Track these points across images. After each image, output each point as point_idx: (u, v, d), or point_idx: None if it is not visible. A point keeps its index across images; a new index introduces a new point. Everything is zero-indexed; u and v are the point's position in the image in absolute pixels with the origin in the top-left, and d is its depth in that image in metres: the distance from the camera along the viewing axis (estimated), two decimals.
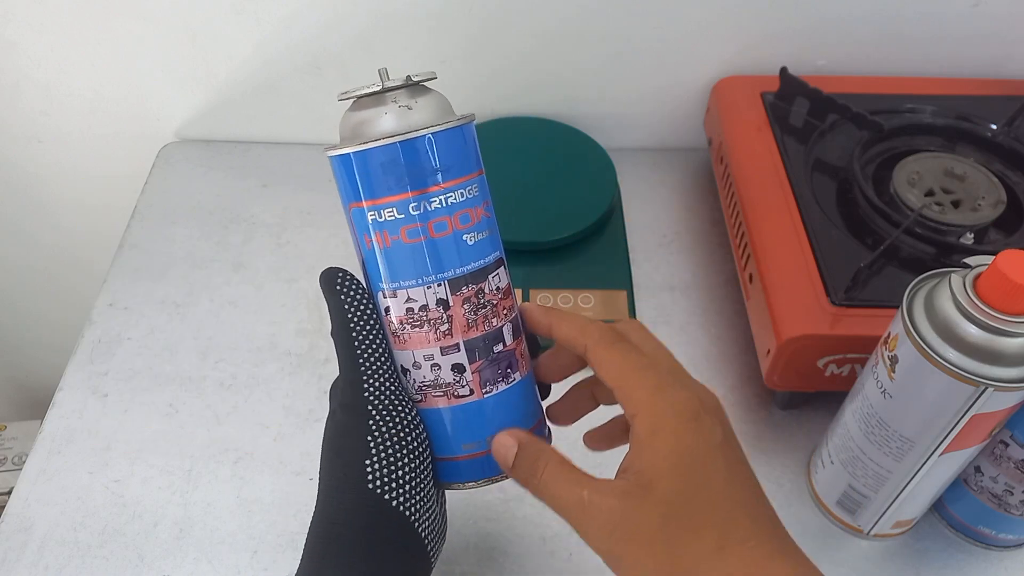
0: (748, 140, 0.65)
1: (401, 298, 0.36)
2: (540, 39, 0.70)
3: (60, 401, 0.59)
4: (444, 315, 0.36)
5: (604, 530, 0.33)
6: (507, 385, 0.38)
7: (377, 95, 0.35)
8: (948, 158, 0.61)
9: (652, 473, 0.33)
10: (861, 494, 0.50)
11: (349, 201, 0.36)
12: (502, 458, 0.36)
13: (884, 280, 0.54)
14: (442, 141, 0.35)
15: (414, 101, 0.35)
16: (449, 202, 0.35)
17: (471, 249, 0.36)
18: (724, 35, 0.70)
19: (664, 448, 0.33)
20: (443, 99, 0.37)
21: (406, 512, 0.35)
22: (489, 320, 0.37)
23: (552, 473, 0.35)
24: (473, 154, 0.36)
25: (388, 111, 0.35)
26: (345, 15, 0.68)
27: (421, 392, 0.37)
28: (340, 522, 0.35)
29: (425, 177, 0.35)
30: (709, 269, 0.69)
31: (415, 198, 0.35)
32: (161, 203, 0.73)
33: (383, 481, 0.35)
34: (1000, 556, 0.52)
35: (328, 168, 0.37)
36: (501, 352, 0.37)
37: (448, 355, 0.36)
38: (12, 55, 0.72)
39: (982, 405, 0.41)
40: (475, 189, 0.36)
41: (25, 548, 0.51)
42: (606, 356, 0.36)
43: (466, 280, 0.36)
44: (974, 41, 0.70)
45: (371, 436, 0.35)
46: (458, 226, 0.35)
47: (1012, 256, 0.38)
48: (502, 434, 0.37)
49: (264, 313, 0.65)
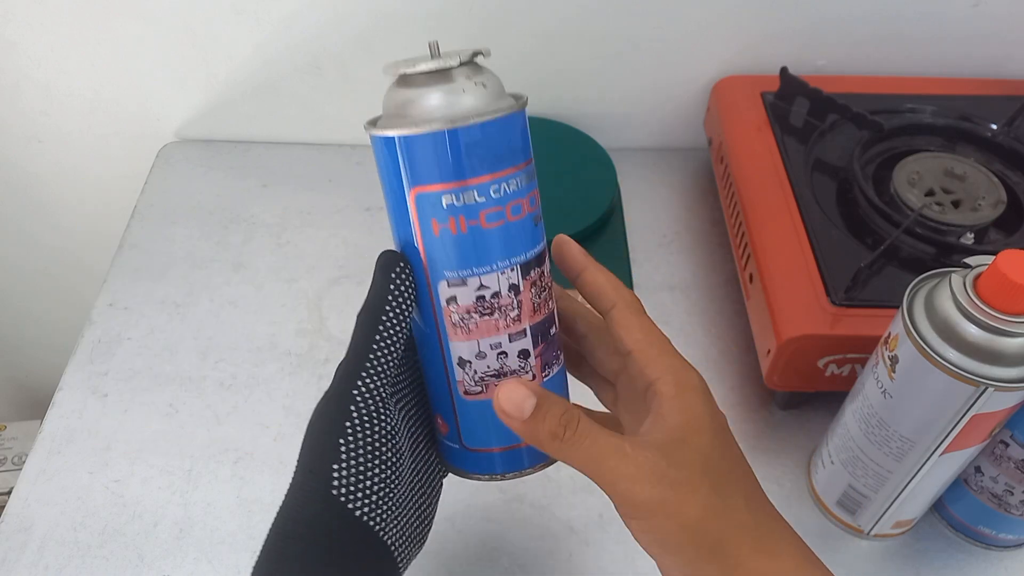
0: (748, 140, 0.65)
1: (472, 285, 0.34)
2: (540, 39, 0.70)
3: (60, 401, 0.59)
4: (514, 300, 0.34)
5: (652, 477, 0.32)
6: (559, 367, 0.37)
7: (444, 72, 0.33)
8: (948, 158, 0.61)
9: (688, 428, 0.33)
10: (861, 494, 0.50)
11: (415, 185, 0.33)
12: (517, 408, 0.33)
13: (884, 280, 0.54)
14: (516, 123, 0.33)
15: (485, 79, 0.33)
16: (522, 184, 0.34)
17: (537, 231, 0.35)
18: (724, 35, 0.70)
19: (695, 407, 0.34)
20: (498, 79, 0.35)
21: (370, 523, 0.34)
22: (547, 303, 0.36)
23: (587, 426, 0.33)
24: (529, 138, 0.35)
25: (466, 89, 0.32)
26: (345, 15, 0.68)
27: (482, 383, 0.35)
28: (301, 522, 0.33)
29: (508, 158, 0.33)
30: (709, 269, 0.69)
31: (496, 180, 0.33)
32: (161, 203, 0.73)
33: (348, 490, 0.33)
34: (1000, 556, 0.52)
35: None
36: (555, 334, 0.37)
37: (516, 341, 0.35)
38: (12, 55, 0.72)
39: (982, 405, 0.41)
40: (535, 172, 0.35)
41: (25, 548, 0.51)
42: (635, 321, 0.36)
43: (534, 263, 0.35)
44: (974, 41, 0.70)
45: (344, 440, 0.33)
46: (529, 208, 0.34)
47: (1012, 256, 0.38)
48: (508, 383, 0.33)
49: (264, 313, 0.65)
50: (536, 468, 0.38)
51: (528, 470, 0.38)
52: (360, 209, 0.73)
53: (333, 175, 0.75)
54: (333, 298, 0.66)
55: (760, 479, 0.35)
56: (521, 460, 0.38)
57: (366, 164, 0.75)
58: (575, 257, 0.38)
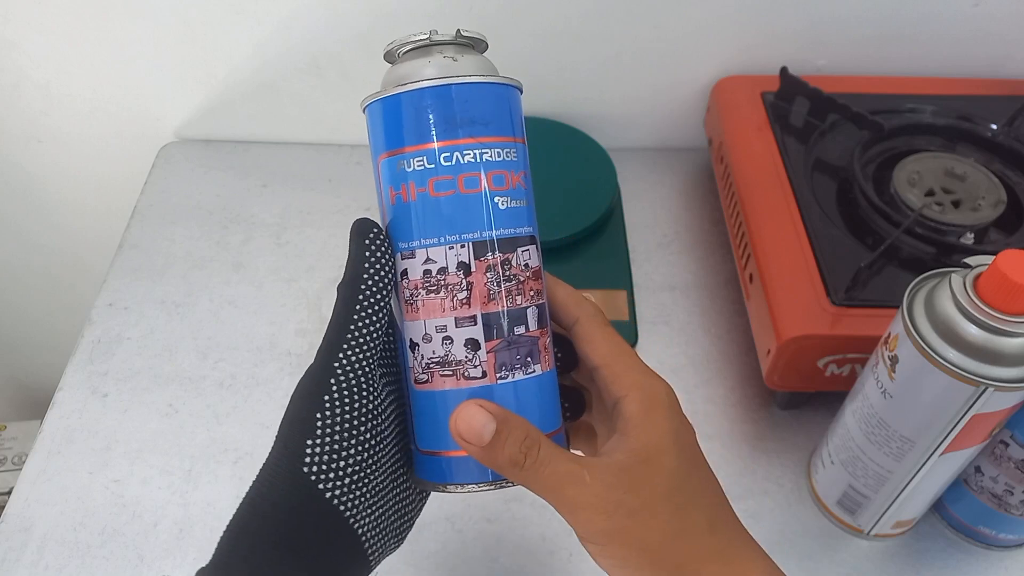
0: (748, 140, 0.65)
1: (420, 258, 0.33)
2: (540, 39, 0.70)
3: (60, 401, 0.59)
4: (463, 281, 0.32)
5: (608, 506, 0.31)
6: (525, 375, 0.33)
7: (424, 47, 0.34)
8: (948, 158, 0.61)
9: (652, 449, 0.33)
10: (861, 494, 0.50)
11: (379, 153, 0.34)
12: (475, 434, 0.31)
13: (884, 280, 0.54)
14: (481, 92, 0.33)
15: (460, 55, 0.33)
16: (484, 158, 0.32)
17: (502, 214, 0.33)
18: (724, 35, 0.70)
19: (661, 426, 0.33)
20: (490, 63, 0.34)
21: (340, 507, 0.32)
22: (512, 296, 0.33)
23: (548, 452, 0.32)
24: (515, 119, 0.34)
25: (432, 61, 0.33)
26: (345, 15, 0.68)
27: (428, 371, 0.33)
28: (269, 499, 0.32)
29: (459, 127, 0.32)
30: (709, 269, 0.69)
31: (447, 147, 0.32)
32: (161, 203, 0.73)
33: (320, 469, 0.32)
34: (1000, 556, 0.52)
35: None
36: (522, 336, 0.33)
37: (463, 327, 0.33)
38: (12, 55, 0.72)
39: (982, 405, 0.41)
40: (513, 153, 0.34)
41: (25, 548, 0.51)
42: (598, 334, 0.35)
43: (492, 246, 0.33)
44: (974, 41, 0.70)
45: (321, 414, 0.32)
46: (490, 186, 0.33)
47: (1012, 256, 0.38)
48: (468, 404, 0.32)
49: (264, 313, 0.65)
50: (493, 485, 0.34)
51: (482, 485, 0.34)
52: (360, 209, 0.73)
53: (333, 175, 0.75)
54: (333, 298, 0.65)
55: (760, 479, 0.35)
56: (471, 472, 0.34)
57: (366, 164, 0.75)
58: None
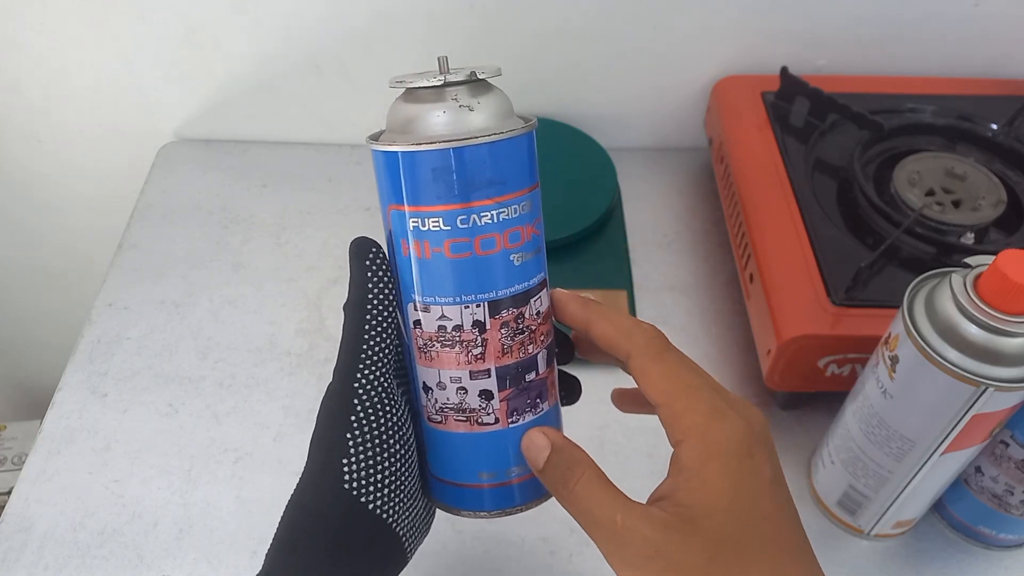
0: (748, 140, 0.65)
1: (434, 314, 0.33)
2: (540, 39, 0.70)
3: (60, 401, 0.59)
4: (479, 338, 0.33)
5: (637, 560, 0.31)
6: (535, 416, 0.35)
7: (436, 89, 0.32)
8: (948, 158, 0.61)
9: (700, 510, 0.31)
10: (862, 494, 0.50)
11: (389, 202, 0.33)
12: (532, 458, 0.34)
13: (884, 280, 0.54)
14: (502, 151, 0.31)
15: (476, 101, 0.32)
16: (501, 218, 0.32)
17: (516, 270, 0.33)
18: (724, 35, 0.70)
19: (715, 484, 0.31)
20: (506, 100, 0.33)
21: (383, 515, 0.34)
22: (525, 347, 0.34)
23: (586, 487, 0.33)
24: (531, 165, 0.33)
25: (447, 110, 0.31)
26: (345, 15, 0.68)
27: (442, 414, 0.35)
28: (314, 515, 0.33)
29: (478, 189, 0.31)
30: (709, 269, 0.69)
31: (464, 210, 0.31)
32: (160, 203, 0.73)
33: (360, 483, 0.33)
34: (1000, 556, 0.52)
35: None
36: (533, 381, 0.35)
37: (477, 380, 0.34)
38: (12, 54, 0.72)
39: (982, 405, 0.41)
40: (528, 205, 0.33)
41: (25, 548, 0.51)
42: (653, 370, 0.33)
43: (507, 303, 0.33)
44: (974, 41, 0.70)
45: (351, 434, 0.33)
46: (507, 245, 0.32)
47: (1012, 256, 0.38)
48: (536, 432, 0.34)
49: (264, 313, 0.65)
50: (499, 513, 0.36)
51: (493, 513, 0.36)
52: (360, 209, 0.73)
53: (333, 175, 0.75)
54: (333, 298, 0.66)
55: None
56: (481, 501, 0.36)
57: (365, 164, 0.75)
58: (575, 315, 0.36)
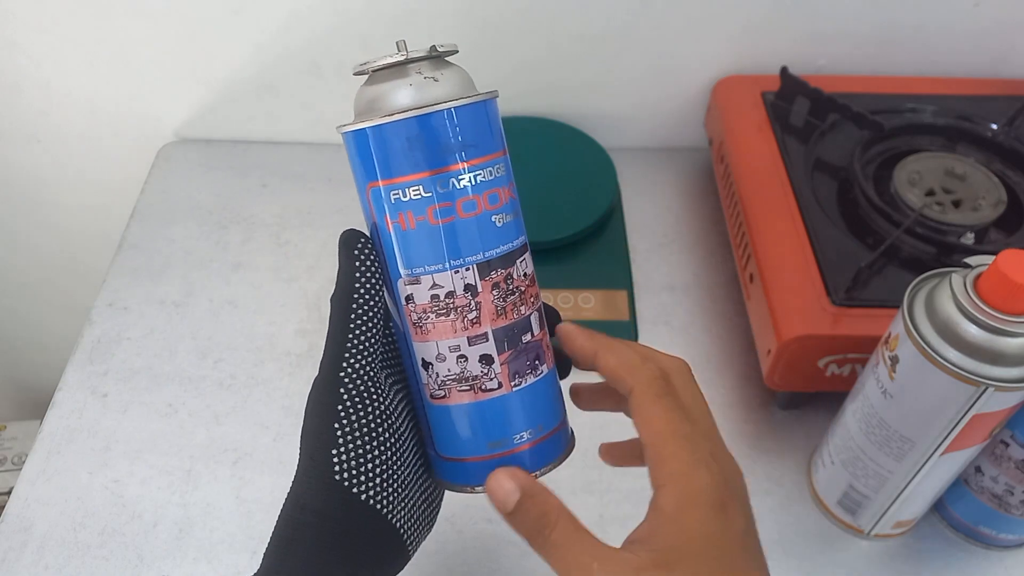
0: (749, 140, 0.65)
1: (425, 284, 0.34)
2: (540, 39, 0.70)
3: (60, 401, 0.59)
4: (472, 302, 0.33)
5: None
6: (536, 378, 0.35)
7: (399, 66, 0.33)
8: (948, 158, 0.61)
9: (675, 555, 0.31)
10: (862, 494, 0.50)
11: (367, 181, 0.34)
12: (499, 501, 0.34)
13: (884, 280, 0.54)
14: (469, 115, 0.33)
15: (439, 73, 0.33)
16: (479, 180, 0.33)
17: (500, 231, 0.34)
18: (724, 35, 0.70)
19: (691, 530, 0.31)
20: (466, 74, 0.34)
21: (377, 506, 0.34)
22: (518, 307, 0.35)
23: (562, 535, 0.32)
24: (498, 132, 0.34)
25: (411, 82, 0.32)
26: (345, 15, 0.68)
27: (444, 387, 0.35)
28: (308, 508, 0.33)
29: (452, 153, 0.32)
30: (709, 269, 0.69)
31: (443, 175, 0.32)
32: (160, 203, 0.73)
33: (351, 474, 0.33)
34: (1000, 556, 0.52)
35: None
36: (530, 342, 0.35)
37: (476, 345, 0.34)
38: (12, 55, 0.72)
39: (983, 405, 0.41)
40: (502, 168, 0.34)
41: (25, 548, 0.51)
42: (650, 410, 0.34)
43: (495, 264, 0.34)
44: (974, 41, 0.70)
45: (339, 424, 0.33)
46: (487, 206, 0.33)
47: (1012, 256, 0.38)
48: (500, 472, 0.34)
49: (263, 313, 0.65)
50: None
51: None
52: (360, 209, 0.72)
53: (332, 175, 0.75)
54: None
55: (760, 479, 0.35)
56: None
57: None
58: (583, 347, 0.37)
